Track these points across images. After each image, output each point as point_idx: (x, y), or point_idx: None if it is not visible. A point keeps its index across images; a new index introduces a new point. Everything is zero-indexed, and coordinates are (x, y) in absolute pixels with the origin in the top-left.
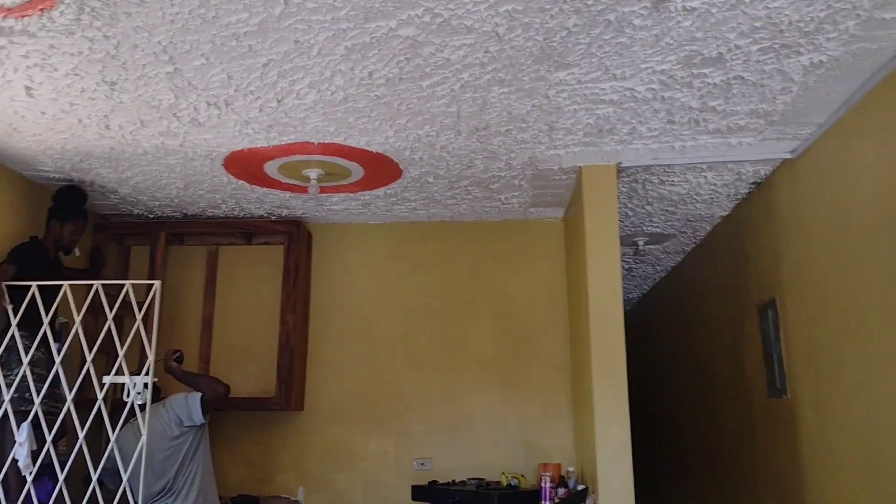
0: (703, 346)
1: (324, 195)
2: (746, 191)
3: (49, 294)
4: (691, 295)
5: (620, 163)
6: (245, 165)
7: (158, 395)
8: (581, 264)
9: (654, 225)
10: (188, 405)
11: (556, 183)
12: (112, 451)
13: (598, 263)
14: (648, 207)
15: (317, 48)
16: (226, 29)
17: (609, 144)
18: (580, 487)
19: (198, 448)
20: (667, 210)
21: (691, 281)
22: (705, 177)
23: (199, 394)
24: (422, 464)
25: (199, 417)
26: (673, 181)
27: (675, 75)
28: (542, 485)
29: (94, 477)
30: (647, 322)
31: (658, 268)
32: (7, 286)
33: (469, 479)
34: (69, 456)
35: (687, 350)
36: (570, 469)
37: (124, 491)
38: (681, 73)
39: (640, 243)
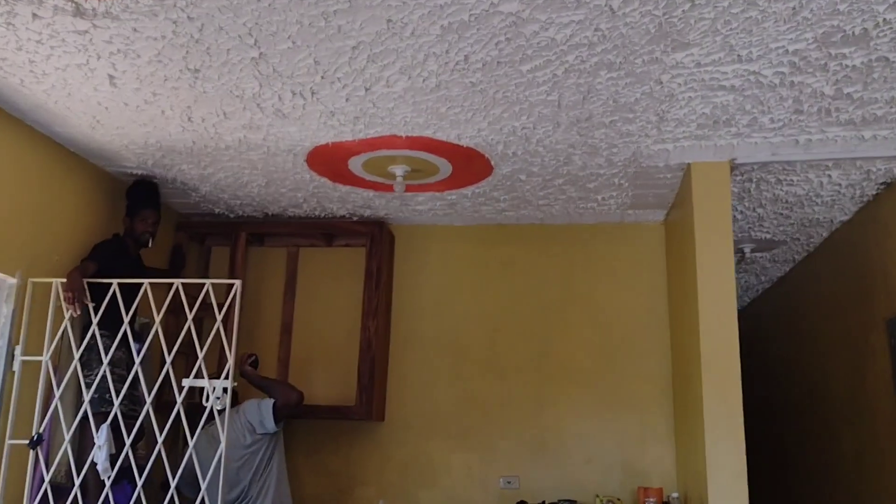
0: (815, 364)
1: (409, 194)
2: (874, 192)
3: (130, 293)
4: (801, 308)
5: (735, 159)
6: (328, 161)
7: (235, 399)
8: (688, 273)
9: (765, 230)
10: (261, 412)
11: (660, 182)
12: (189, 458)
13: (709, 272)
14: (760, 210)
15: (410, 28)
16: (314, 7)
17: (724, 138)
18: None
19: (272, 456)
20: (780, 214)
21: (801, 292)
22: (829, 176)
23: (272, 400)
24: (509, 482)
25: (271, 425)
26: (791, 181)
27: (810, 56)
28: None
29: (173, 484)
30: (748, 337)
31: (763, 278)
32: (88, 284)
33: (560, 501)
34: (148, 460)
35: (795, 368)
36: (675, 495)
37: (202, 499)
38: (816, 53)
39: (747, 251)
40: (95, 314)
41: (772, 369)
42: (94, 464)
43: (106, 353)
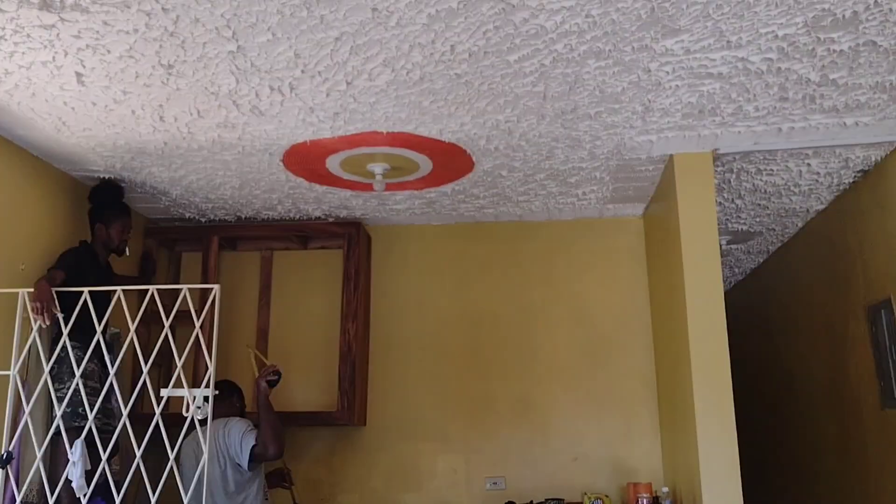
0: (794, 354)
1: (386, 193)
2: (850, 180)
3: (101, 302)
4: (777, 299)
5: (717, 149)
6: (306, 160)
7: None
8: (673, 266)
9: (742, 221)
10: (242, 447)
11: (641, 175)
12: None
13: (696, 265)
14: (739, 202)
15: (396, 17)
16: None
17: (708, 128)
18: None
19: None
20: (758, 204)
21: (777, 283)
22: (808, 164)
23: (252, 441)
24: (495, 483)
25: (244, 465)
26: (771, 170)
27: (798, 41)
28: None
29: (153, 500)
30: None
31: (736, 270)
32: (57, 293)
33: (547, 500)
34: (124, 475)
35: (773, 359)
36: (665, 490)
37: None
38: (805, 38)
39: (723, 243)
40: (66, 324)
41: (748, 361)
42: (68, 481)
43: (78, 366)
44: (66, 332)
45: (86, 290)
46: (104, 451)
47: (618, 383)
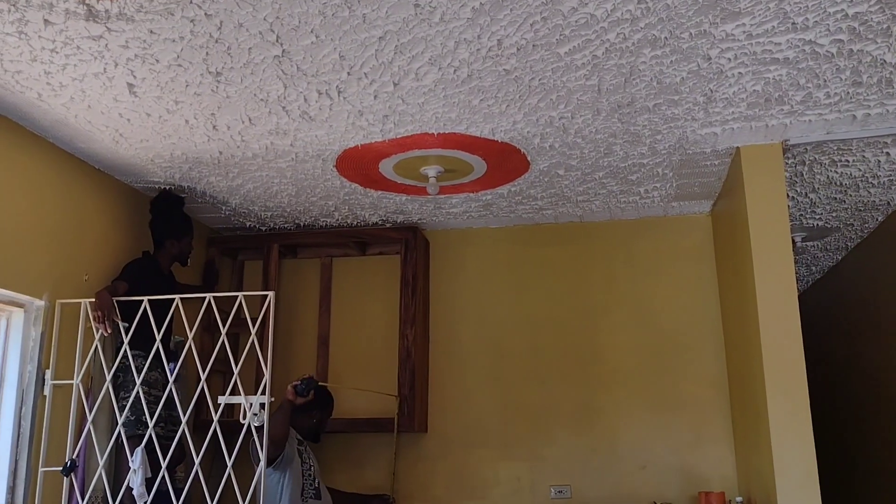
0: (877, 356)
1: (442, 196)
2: None
3: (163, 311)
4: (858, 298)
5: (787, 140)
6: (358, 165)
7: (329, 406)
8: (743, 265)
9: (817, 217)
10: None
11: (706, 170)
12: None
13: (767, 263)
14: (813, 196)
15: (439, 12)
16: None
17: (776, 117)
18: None
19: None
20: (834, 198)
21: (857, 281)
22: (887, 154)
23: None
24: (560, 491)
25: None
26: (847, 161)
27: (871, 20)
28: None
29: None
30: None
31: (813, 268)
32: (118, 302)
33: None
34: (186, 482)
35: (854, 361)
36: (739, 499)
37: None
38: (878, 16)
39: (798, 240)
40: (127, 334)
41: (828, 364)
42: (129, 489)
43: (139, 374)
44: (126, 340)
45: (145, 298)
46: (164, 459)
47: (686, 388)
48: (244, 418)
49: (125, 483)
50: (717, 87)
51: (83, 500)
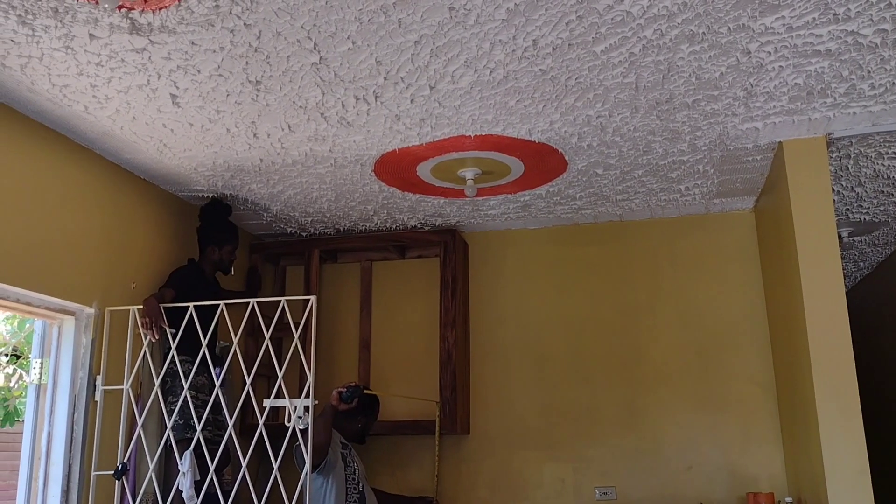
0: None
1: (480, 199)
2: None
3: (208, 317)
4: None
5: (831, 133)
6: (396, 169)
7: (374, 412)
8: (788, 262)
9: (864, 211)
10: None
11: (749, 165)
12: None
13: (812, 259)
14: (859, 189)
15: (474, 14)
16: (373, 1)
17: (819, 110)
18: None
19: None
20: (881, 192)
21: None
22: None
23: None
24: (605, 493)
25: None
26: (894, 153)
27: None
28: None
29: None
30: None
31: (861, 264)
32: (165, 309)
33: None
34: (234, 485)
35: None
36: (788, 500)
37: None
38: None
39: (844, 235)
40: (174, 339)
41: (879, 361)
42: (178, 491)
43: (186, 378)
44: (174, 346)
45: (191, 305)
46: (211, 462)
47: (732, 387)
48: (289, 421)
49: (175, 486)
50: (757, 82)
51: (134, 502)
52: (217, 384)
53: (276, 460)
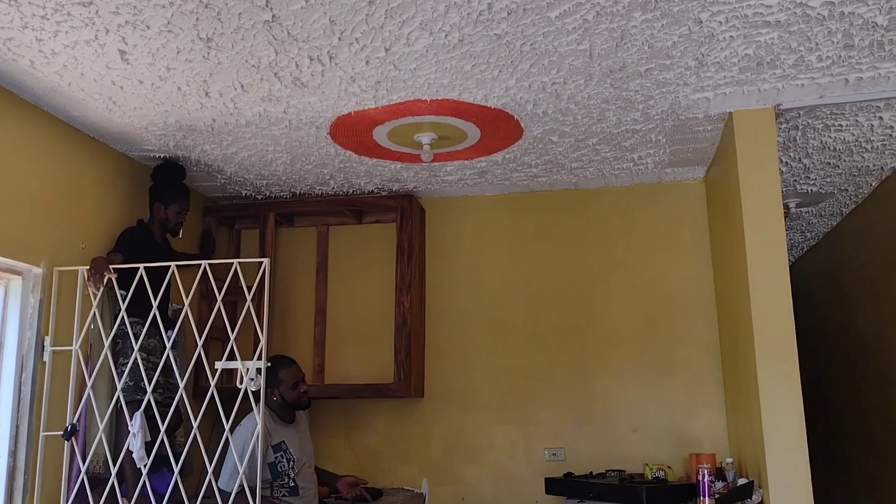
0: (872, 321)
1: (437, 164)
2: None
3: (159, 279)
4: (852, 263)
5: (779, 105)
6: (352, 133)
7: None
8: (735, 231)
9: (811, 182)
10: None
11: (699, 136)
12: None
13: (758, 229)
14: (806, 161)
15: None
16: None
17: (768, 81)
18: (742, 481)
19: None
20: (828, 163)
21: (853, 246)
22: (880, 118)
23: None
24: (554, 454)
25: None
26: (840, 125)
27: None
28: (700, 478)
29: (210, 470)
30: (794, 297)
31: (808, 234)
32: (117, 271)
33: (608, 471)
34: (185, 447)
35: (849, 325)
36: (728, 461)
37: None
38: None
39: (792, 206)
40: (123, 301)
41: (822, 328)
42: (129, 452)
43: (136, 340)
44: (123, 307)
45: (141, 266)
46: (162, 424)
47: (680, 352)
48: (241, 383)
49: (125, 446)
50: (708, 52)
51: (84, 463)
52: (168, 346)
53: (227, 422)
